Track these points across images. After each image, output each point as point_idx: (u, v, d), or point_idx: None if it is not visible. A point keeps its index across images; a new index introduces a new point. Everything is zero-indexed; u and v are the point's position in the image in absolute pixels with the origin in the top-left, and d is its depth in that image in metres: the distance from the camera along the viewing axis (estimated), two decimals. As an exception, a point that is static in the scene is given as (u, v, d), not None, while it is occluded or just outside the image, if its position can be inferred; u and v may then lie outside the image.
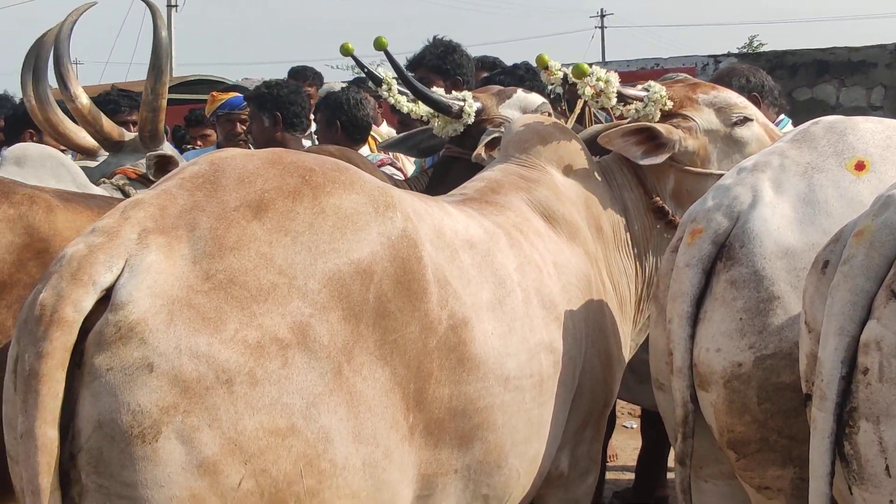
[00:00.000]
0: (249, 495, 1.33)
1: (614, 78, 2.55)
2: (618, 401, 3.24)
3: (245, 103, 4.72)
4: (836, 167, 1.87)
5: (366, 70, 3.04)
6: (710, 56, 9.99)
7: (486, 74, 4.26)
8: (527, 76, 3.68)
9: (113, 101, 4.56)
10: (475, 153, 2.74)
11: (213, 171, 1.53)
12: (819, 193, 1.83)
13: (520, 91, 2.99)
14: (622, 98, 2.57)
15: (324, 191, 1.56)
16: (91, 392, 1.30)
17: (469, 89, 3.27)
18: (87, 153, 3.01)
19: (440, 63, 3.78)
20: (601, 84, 2.53)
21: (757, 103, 3.50)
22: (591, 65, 2.58)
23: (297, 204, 1.51)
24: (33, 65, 2.62)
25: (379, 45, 2.83)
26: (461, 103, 2.83)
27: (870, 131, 1.95)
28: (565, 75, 2.60)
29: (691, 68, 9.29)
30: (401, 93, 3.01)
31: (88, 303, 1.31)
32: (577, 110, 2.82)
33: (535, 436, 1.92)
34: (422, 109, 2.93)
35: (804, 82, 9.36)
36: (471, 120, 2.84)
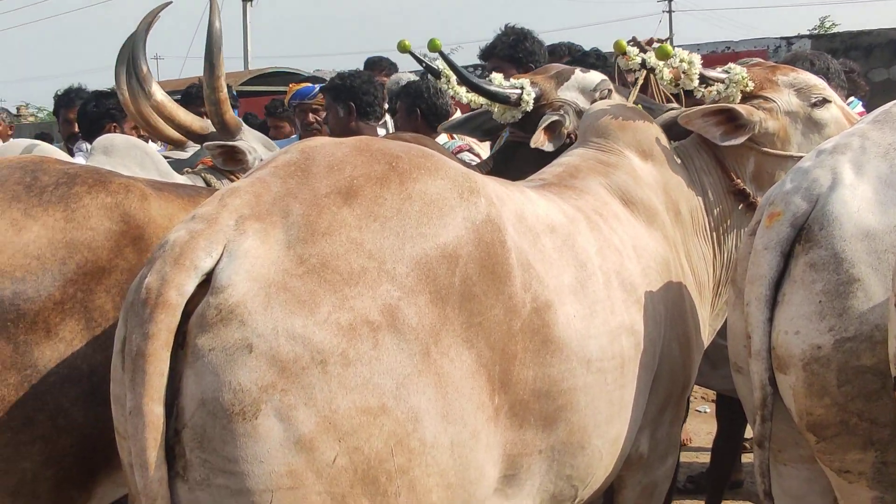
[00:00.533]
0: (343, 471, 1.34)
1: (697, 59, 2.54)
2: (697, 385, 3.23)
3: (314, 92, 4.79)
4: None
5: (423, 64, 3.03)
6: (782, 38, 9.77)
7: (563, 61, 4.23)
8: (598, 63, 3.64)
9: (194, 95, 4.67)
10: (533, 139, 2.71)
11: (304, 159, 1.54)
12: None
13: (577, 71, 2.95)
14: (703, 80, 2.55)
15: (410, 177, 1.57)
16: (194, 371, 1.33)
17: None
18: (176, 144, 3.08)
19: (512, 52, 3.76)
20: (685, 65, 2.51)
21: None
22: (673, 46, 2.57)
23: (384, 190, 1.52)
24: (126, 60, 2.67)
25: (433, 47, 2.82)
26: (519, 91, 2.80)
27: None
28: (643, 60, 2.57)
29: (763, 51, 9.14)
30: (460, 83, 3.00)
31: (190, 286, 1.34)
32: (636, 89, 2.78)
33: (616, 417, 1.93)
34: (481, 99, 2.92)
35: (880, 63, 9.11)
36: (530, 107, 2.81)
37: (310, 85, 5.16)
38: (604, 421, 1.87)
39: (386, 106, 4.46)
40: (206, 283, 1.35)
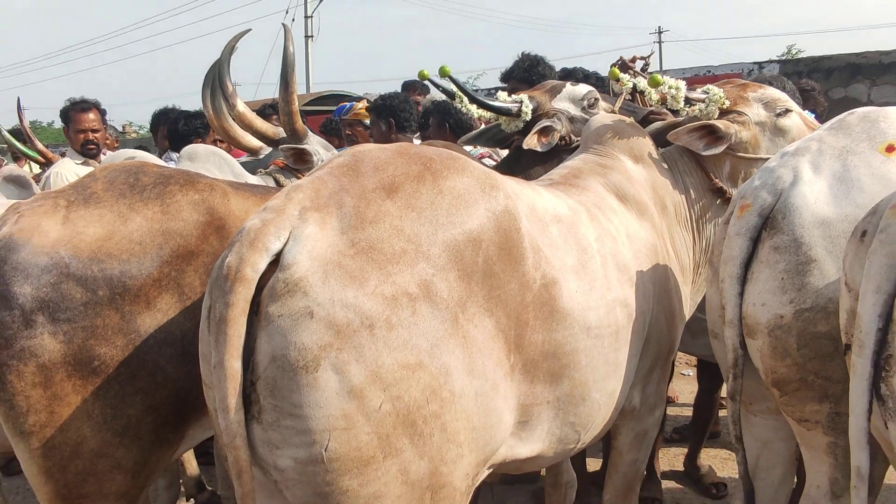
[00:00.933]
0: (387, 416, 1.35)
1: (682, 85, 2.54)
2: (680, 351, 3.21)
3: (346, 109, 4.85)
4: (869, 150, 1.82)
5: (440, 88, 3.03)
6: (754, 63, 9.61)
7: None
8: (598, 84, 3.64)
9: (266, 113, 4.71)
10: (525, 141, 2.73)
11: (355, 161, 1.55)
12: (852, 173, 1.79)
13: (568, 85, 2.95)
14: (688, 101, 2.54)
15: (441, 175, 1.57)
16: (266, 333, 1.34)
17: None
18: (252, 152, 3.11)
19: (527, 75, 3.73)
20: (672, 91, 2.51)
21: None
22: (661, 74, 2.58)
23: (420, 186, 1.52)
24: (210, 84, 2.70)
25: (442, 73, 2.83)
26: (518, 104, 2.81)
27: None
28: (634, 85, 2.59)
29: (738, 73, 9.01)
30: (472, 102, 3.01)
31: (263, 265, 1.36)
32: (621, 100, 2.77)
33: (612, 374, 1.92)
34: (487, 113, 2.92)
35: (838, 83, 8.96)
36: (528, 117, 2.81)
37: (345, 104, 5.20)
38: (601, 377, 1.87)
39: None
40: (276, 262, 1.37)
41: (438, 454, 1.43)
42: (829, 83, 8.81)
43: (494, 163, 3.33)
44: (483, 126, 3.21)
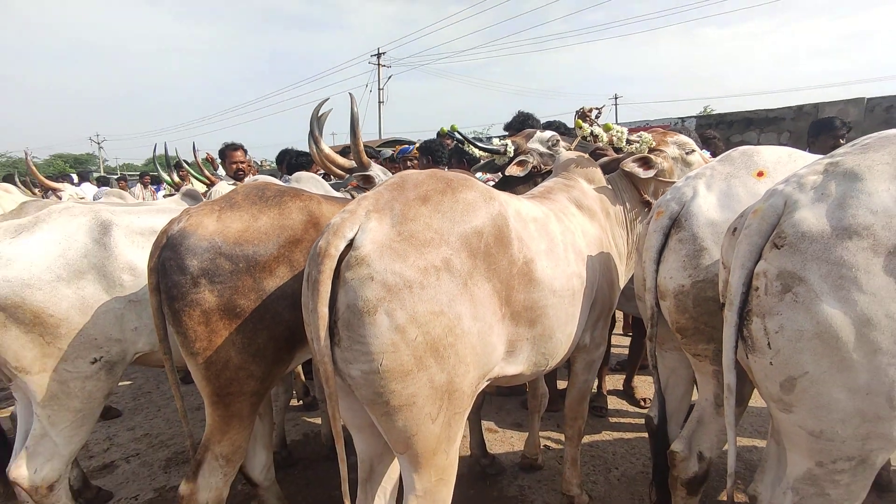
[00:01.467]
0: (420, 344, 1.36)
1: (625, 130, 2.55)
2: (617, 310, 3.18)
3: (410, 150, 4.81)
4: (745, 175, 1.79)
5: (454, 138, 3.05)
6: (678, 118, 9.38)
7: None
8: (568, 132, 3.61)
9: (346, 150, 4.71)
10: (507, 170, 2.74)
11: (402, 181, 1.55)
12: (733, 190, 1.77)
13: (538, 132, 2.95)
14: (628, 141, 2.54)
15: (457, 190, 1.56)
16: (343, 290, 1.36)
17: None
18: (340, 177, 3.13)
19: (521, 126, 3.68)
20: (619, 134, 2.53)
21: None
22: (613, 123, 2.59)
23: (444, 197, 1.52)
24: (312, 130, 2.72)
25: (452, 129, 2.93)
26: (504, 146, 2.84)
27: (768, 153, 1.85)
28: (591, 131, 2.59)
29: (667, 125, 8.82)
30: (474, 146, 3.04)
31: (342, 246, 1.36)
32: (577, 141, 2.76)
33: (570, 322, 1.90)
34: (484, 153, 2.96)
35: (737, 132, 8.67)
36: (511, 153, 2.83)
37: (407, 146, 5.18)
38: (563, 324, 1.85)
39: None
40: (350, 245, 1.37)
41: (453, 370, 1.43)
42: (730, 132, 8.52)
43: (494, 183, 3.32)
44: (484, 160, 3.21)
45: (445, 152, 3.93)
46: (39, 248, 1.96)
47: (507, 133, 4.07)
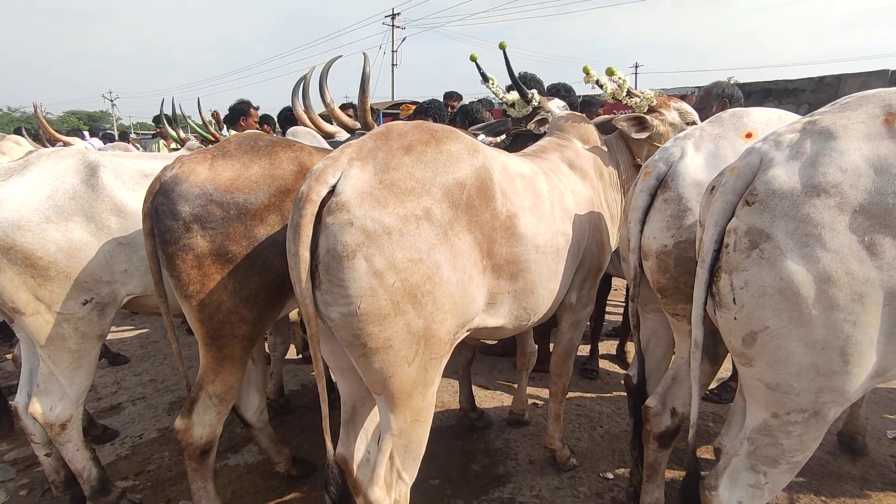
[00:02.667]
0: (398, 290, 1.38)
1: (629, 80, 2.49)
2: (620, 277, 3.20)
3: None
4: (734, 135, 1.78)
5: (480, 71, 2.82)
6: (695, 87, 9.19)
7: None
8: (563, 90, 3.58)
9: (349, 108, 4.72)
10: (530, 125, 2.72)
11: (387, 131, 1.54)
12: (721, 151, 1.76)
13: (556, 98, 2.90)
14: (629, 94, 2.50)
15: (442, 141, 1.56)
16: (325, 235, 1.37)
17: None
18: (330, 136, 3.13)
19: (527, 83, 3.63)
20: (619, 81, 2.46)
21: (726, 104, 3.27)
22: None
23: (427, 147, 1.51)
24: (300, 92, 2.70)
25: (501, 46, 2.64)
26: (533, 92, 2.77)
27: (758, 114, 1.83)
28: (597, 79, 2.51)
29: (683, 94, 8.68)
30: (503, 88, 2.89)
31: (324, 192, 1.38)
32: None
33: (553, 278, 1.90)
34: (510, 97, 2.79)
35: (755, 102, 8.47)
36: (536, 103, 2.74)
37: (411, 111, 5.17)
38: (545, 279, 1.86)
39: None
40: (332, 192, 1.39)
41: (430, 316, 1.45)
42: (748, 102, 8.34)
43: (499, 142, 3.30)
44: (491, 121, 3.16)
45: (445, 113, 3.89)
46: (28, 190, 1.97)
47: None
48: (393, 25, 27.57)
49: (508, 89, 2.86)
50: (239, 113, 4.72)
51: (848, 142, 1.23)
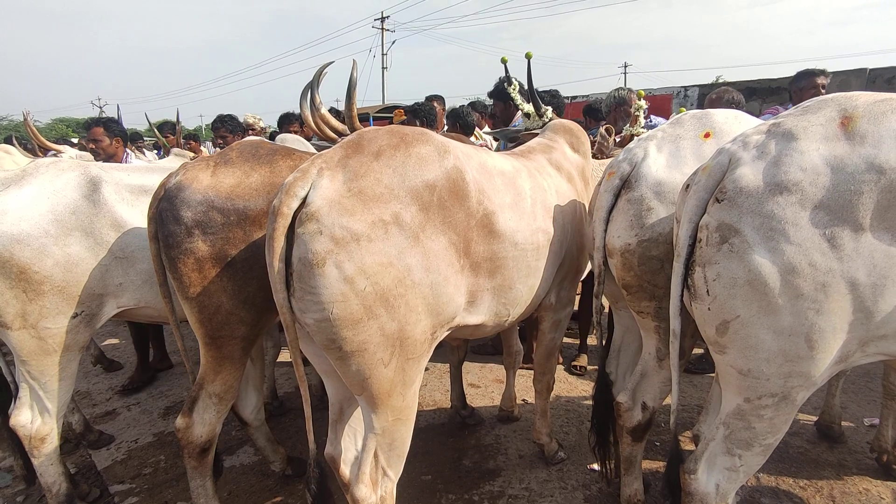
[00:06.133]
0: (370, 294, 1.37)
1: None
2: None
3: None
4: (693, 136, 1.82)
5: (507, 74, 2.91)
6: (681, 87, 9.32)
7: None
8: (555, 101, 3.63)
9: (339, 115, 4.78)
10: (522, 136, 2.77)
11: (358, 138, 1.53)
12: (682, 152, 1.80)
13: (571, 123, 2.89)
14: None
15: (411, 144, 1.53)
16: (297, 244, 1.36)
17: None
18: (331, 140, 3.18)
19: (502, 91, 3.62)
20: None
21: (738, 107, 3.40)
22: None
23: (396, 152, 1.49)
24: (307, 96, 2.70)
25: (527, 56, 2.66)
26: (548, 109, 2.77)
27: (717, 115, 1.88)
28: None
29: (669, 95, 8.82)
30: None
31: (295, 204, 1.38)
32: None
33: (532, 275, 1.89)
34: (526, 108, 2.81)
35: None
36: (546, 119, 2.75)
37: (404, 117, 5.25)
38: (524, 276, 1.85)
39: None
40: (303, 203, 1.39)
41: (404, 318, 1.43)
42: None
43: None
44: (485, 126, 3.17)
45: (434, 115, 3.92)
46: (28, 202, 1.94)
47: (491, 101, 4.10)
48: (383, 28, 27.67)
49: (525, 99, 2.87)
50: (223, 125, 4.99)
51: (808, 143, 1.33)
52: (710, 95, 3.61)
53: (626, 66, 40.58)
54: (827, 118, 1.34)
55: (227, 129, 4.95)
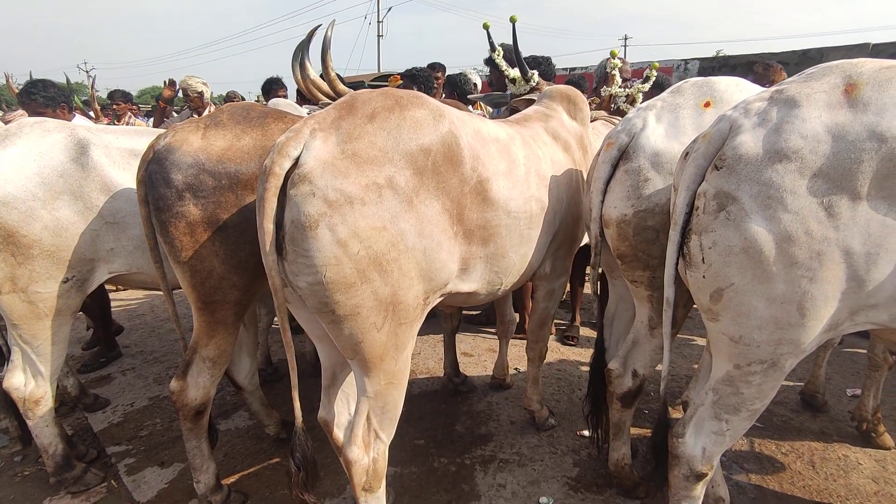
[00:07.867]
0: (363, 258, 1.36)
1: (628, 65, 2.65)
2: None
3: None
4: (693, 106, 1.80)
5: (490, 41, 2.82)
6: (681, 60, 9.19)
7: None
8: (546, 66, 3.57)
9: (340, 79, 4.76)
10: (513, 101, 2.71)
11: (352, 100, 1.50)
12: (681, 121, 1.77)
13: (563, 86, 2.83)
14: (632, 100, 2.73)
15: (406, 107, 1.51)
16: (289, 206, 1.34)
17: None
18: (317, 102, 3.12)
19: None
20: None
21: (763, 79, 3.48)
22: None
23: (391, 114, 1.47)
24: (298, 58, 2.60)
25: (512, 20, 2.55)
26: (534, 73, 2.70)
27: (718, 83, 1.84)
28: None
29: (670, 68, 8.70)
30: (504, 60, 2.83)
31: (287, 164, 1.35)
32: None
33: (525, 244, 1.88)
34: (512, 73, 2.72)
35: (741, 75, 8.62)
36: (534, 83, 2.68)
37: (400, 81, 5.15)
38: (517, 244, 1.84)
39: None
40: (295, 163, 1.37)
41: (397, 283, 1.43)
42: (733, 74, 8.41)
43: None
44: (489, 92, 3.13)
45: (432, 82, 3.85)
46: (12, 164, 1.89)
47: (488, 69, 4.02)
48: (378, -6, 26.98)
49: (511, 64, 2.80)
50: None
51: (810, 110, 1.30)
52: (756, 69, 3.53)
53: (626, 39, 39.86)
54: (831, 85, 1.31)
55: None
